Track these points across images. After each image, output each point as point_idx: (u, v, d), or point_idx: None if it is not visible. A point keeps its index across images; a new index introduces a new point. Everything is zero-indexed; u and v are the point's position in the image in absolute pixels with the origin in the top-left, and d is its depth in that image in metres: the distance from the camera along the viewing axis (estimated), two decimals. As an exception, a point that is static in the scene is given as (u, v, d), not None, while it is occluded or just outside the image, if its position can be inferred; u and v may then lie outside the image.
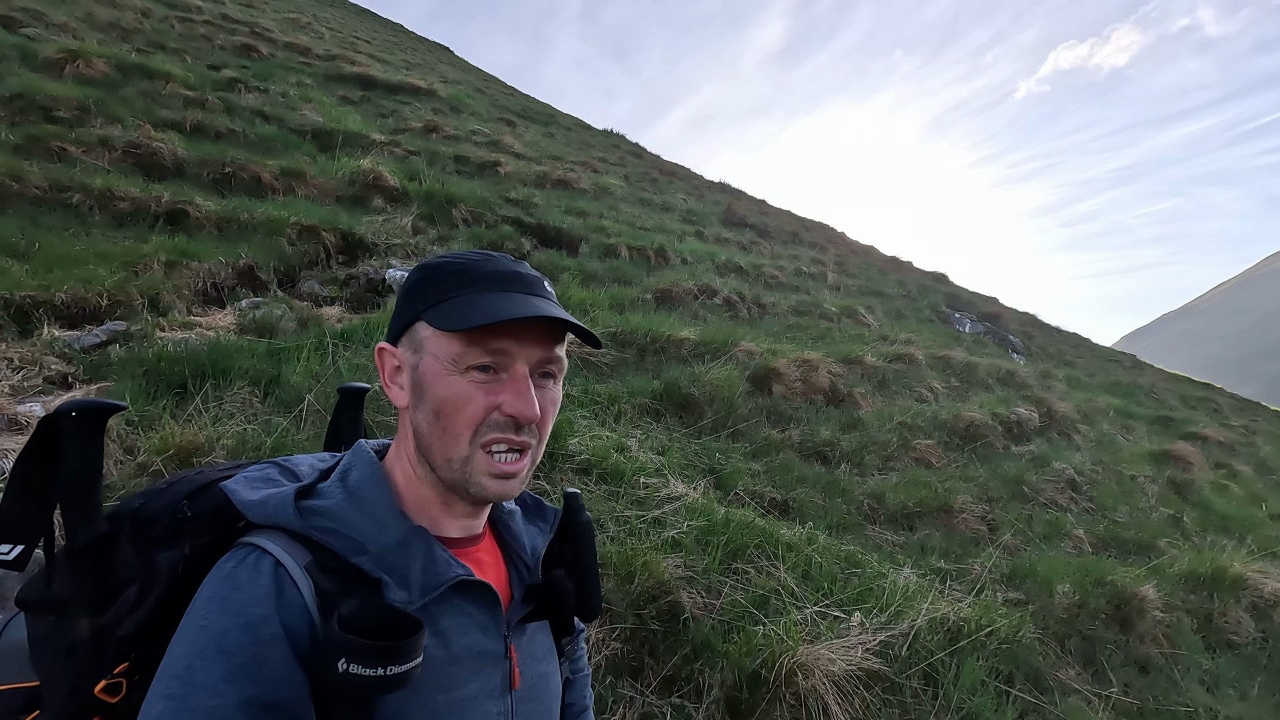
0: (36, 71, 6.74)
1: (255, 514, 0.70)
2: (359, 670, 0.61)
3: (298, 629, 0.64)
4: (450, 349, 0.72)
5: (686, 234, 10.37)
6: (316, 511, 0.71)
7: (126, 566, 0.71)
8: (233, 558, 0.67)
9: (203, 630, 0.61)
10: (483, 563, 0.82)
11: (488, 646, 0.76)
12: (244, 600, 0.63)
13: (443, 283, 0.74)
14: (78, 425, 0.71)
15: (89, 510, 0.71)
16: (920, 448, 5.29)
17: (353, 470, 0.77)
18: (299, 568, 0.66)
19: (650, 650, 2.68)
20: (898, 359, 6.99)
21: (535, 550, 0.88)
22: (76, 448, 0.71)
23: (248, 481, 0.74)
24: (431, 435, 0.74)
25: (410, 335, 0.76)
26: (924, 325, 10.39)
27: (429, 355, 0.74)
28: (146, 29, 10.67)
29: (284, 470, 0.79)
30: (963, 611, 3.10)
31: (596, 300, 6.15)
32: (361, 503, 0.73)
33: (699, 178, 17.67)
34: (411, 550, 0.72)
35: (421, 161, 8.95)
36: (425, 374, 0.74)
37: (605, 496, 3.39)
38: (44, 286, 3.84)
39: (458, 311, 0.71)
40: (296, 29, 15.54)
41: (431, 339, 0.74)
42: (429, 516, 0.78)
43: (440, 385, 0.72)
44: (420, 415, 0.75)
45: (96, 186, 5.11)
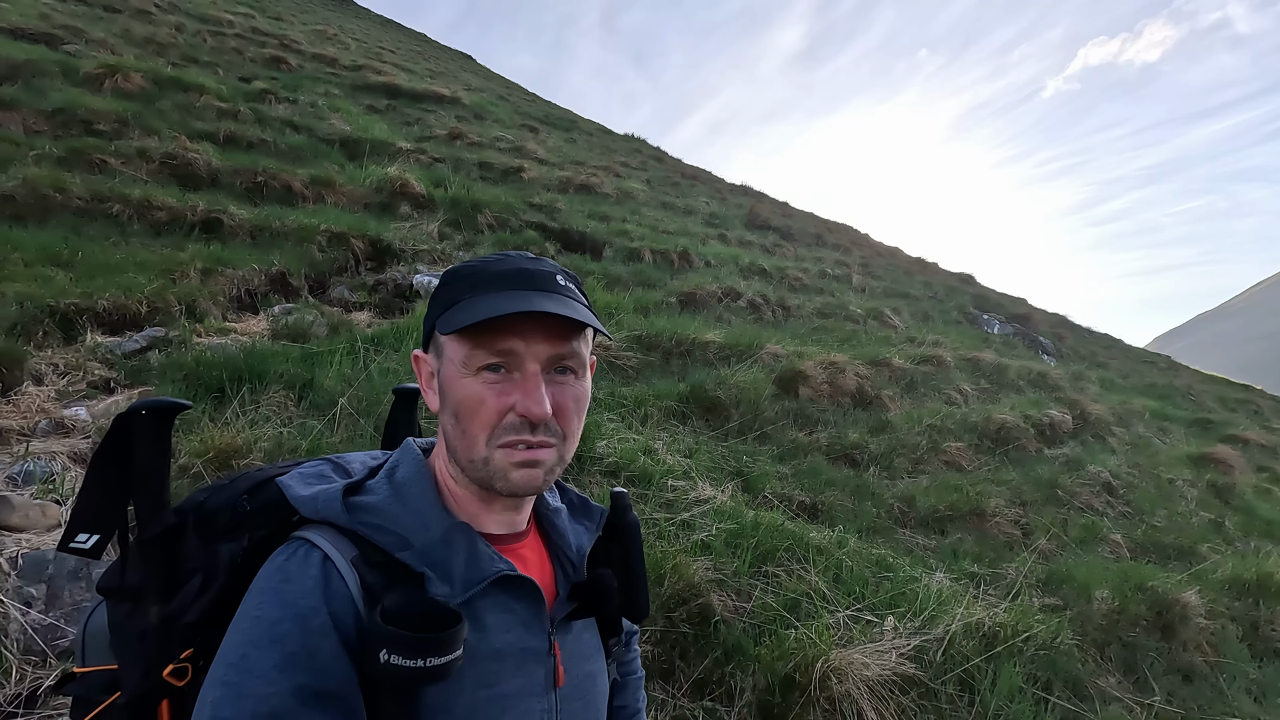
0: (78, 86, 6.95)
1: (306, 509, 0.72)
2: (400, 661, 0.62)
3: (344, 620, 0.65)
4: (460, 352, 0.73)
5: (709, 237, 10.36)
6: (363, 508, 0.72)
7: (192, 557, 0.74)
8: (284, 551, 0.69)
9: (256, 620, 0.63)
10: (526, 559, 0.82)
11: (531, 643, 0.76)
12: (294, 592, 0.65)
13: (455, 286, 0.75)
14: (148, 423, 0.75)
15: (159, 503, 0.75)
16: (950, 450, 5.21)
17: (399, 468, 0.79)
18: (345, 561, 0.68)
19: (681, 653, 2.67)
20: (925, 361, 6.90)
21: (581, 548, 0.88)
22: (147, 444, 0.75)
23: (302, 478, 0.76)
24: (454, 437, 0.75)
25: (435, 341, 0.78)
26: (951, 327, 10.25)
27: (447, 360, 0.75)
28: (180, 43, 10.96)
29: (336, 467, 0.82)
30: (998, 617, 3.05)
31: (621, 303, 6.17)
32: (406, 499, 0.75)
33: (721, 181, 17.65)
34: (454, 545, 0.73)
35: (446, 168, 9.06)
36: (445, 378, 0.76)
37: (633, 499, 3.39)
38: (87, 294, 3.95)
39: (459, 314, 0.72)
40: (324, 40, 15.84)
41: (446, 344, 0.75)
42: (470, 513, 0.79)
43: (456, 388, 0.74)
44: (445, 418, 0.76)
45: (135, 197, 5.25)
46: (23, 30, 8.41)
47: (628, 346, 5.24)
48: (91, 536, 0.75)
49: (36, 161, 5.24)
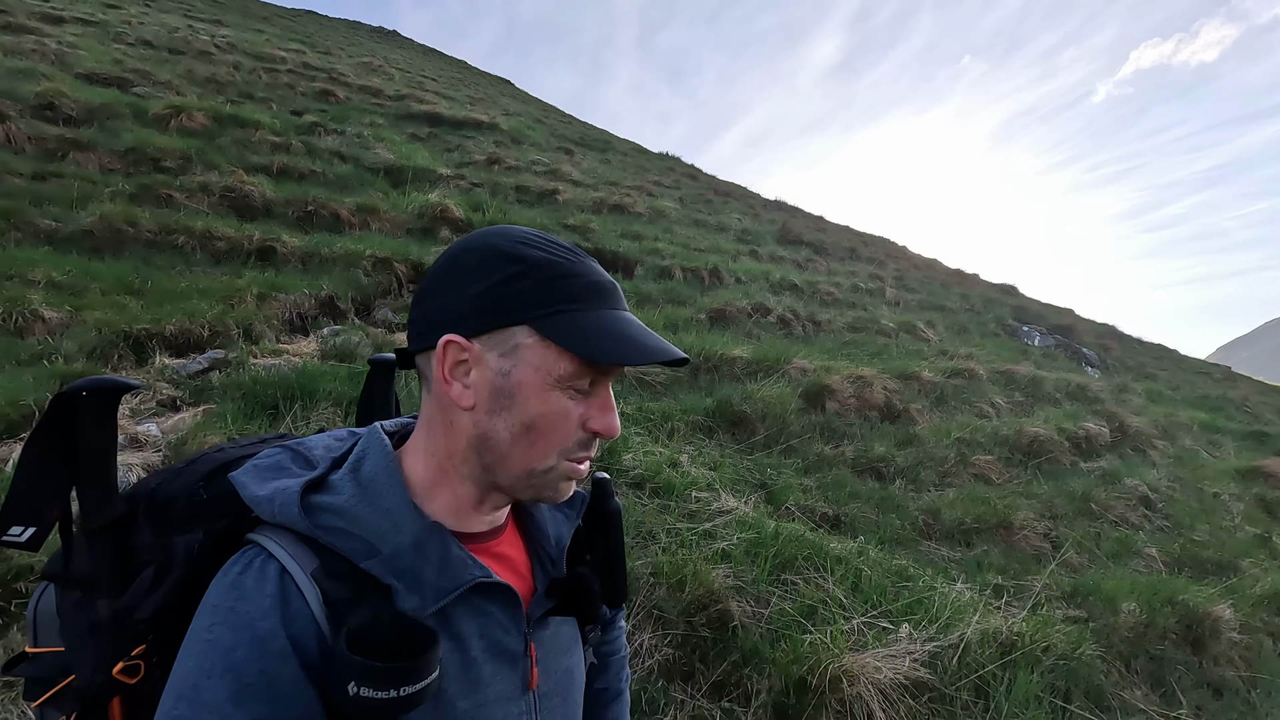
0: (147, 126, 7.51)
1: (262, 511, 0.66)
2: (370, 694, 0.58)
3: (305, 642, 0.60)
4: (561, 367, 0.67)
5: (741, 253, 10.49)
6: (325, 509, 0.66)
7: (145, 548, 0.70)
8: (239, 561, 0.64)
9: (209, 645, 0.58)
10: (504, 556, 0.79)
11: (508, 646, 0.73)
12: (250, 612, 0.60)
13: (545, 285, 0.68)
14: (91, 404, 0.69)
15: (105, 490, 0.70)
16: (979, 464, 5.21)
17: (366, 459, 0.72)
18: (305, 575, 0.63)
19: (701, 656, 2.79)
20: (957, 374, 6.88)
21: (560, 539, 0.84)
22: (91, 427, 0.69)
23: (256, 471, 0.70)
24: (516, 448, 0.69)
25: (500, 337, 0.68)
26: (988, 339, 10.14)
27: (527, 365, 0.67)
28: (238, 81, 11.65)
29: (296, 455, 0.74)
30: (1016, 626, 3.09)
31: (651, 321, 6.35)
32: (375, 498, 0.68)
33: (755, 196, 17.78)
34: (426, 551, 0.67)
35: (484, 193, 9.42)
36: (521, 384, 0.68)
37: (658, 510, 3.53)
38: (155, 320, 4.29)
39: (582, 334, 0.67)
40: (369, 72, 16.58)
41: (534, 349, 0.67)
42: (453, 511, 0.74)
43: (539, 401, 0.68)
44: (502, 424, 0.69)
45: (198, 228, 5.67)
46: (98, 75, 9.10)
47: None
48: (28, 529, 0.68)
49: (111, 198, 5.70)
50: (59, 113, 7.12)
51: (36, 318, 4.01)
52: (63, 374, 3.54)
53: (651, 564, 3.01)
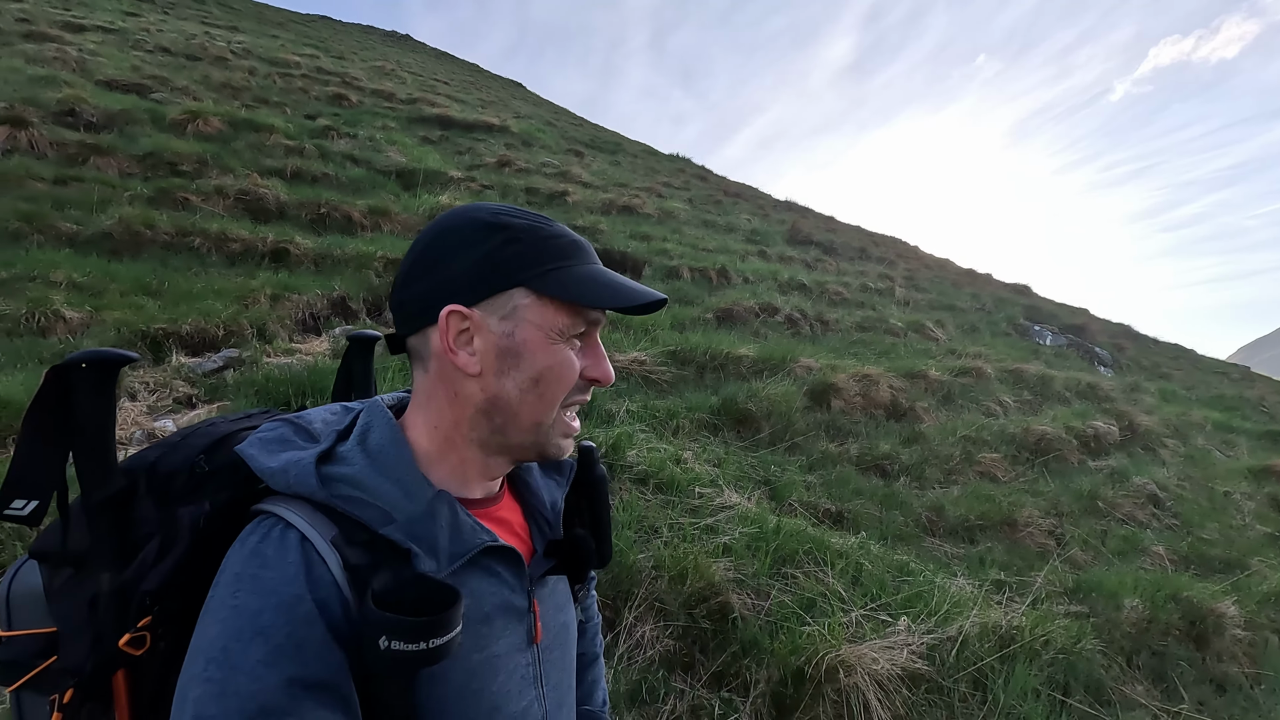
0: (164, 131, 7.66)
1: (277, 482, 0.68)
2: (401, 647, 0.61)
3: (330, 606, 0.63)
4: (559, 320, 0.73)
5: (749, 254, 10.52)
6: (340, 479, 0.68)
7: (147, 521, 0.71)
8: (256, 531, 0.65)
9: (235, 610, 0.59)
10: (505, 521, 0.83)
11: (515, 603, 0.77)
12: (275, 579, 0.61)
13: (534, 248, 0.73)
14: (89, 376, 0.69)
15: (104, 464, 0.70)
16: (985, 461, 5.22)
17: (372, 431, 0.74)
18: (325, 542, 0.65)
19: (701, 647, 2.84)
20: (965, 373, 6.88)
21: (555, 503, 0.90)
22: (89, 400, 0.69)
23: (263, 444, 0.71)
24: (524, 402, 0.74)
25: (499, 301, 0.73)
26: (999, 339, 10.10)
27: (528, 324, 0.73)
28: (253, 86, 11.83)
29: (298, 429, 0.75)
30: (1016, 620, 3.11)
31: (658, 320, 6.40)
32: (385, 468, 0.71)
33: (765, 197, 17.79)
34: (437, 518, 0.71)
35: (495, 195, 9.51)
36: (527, 342, 0.73)
37: (661, 505, 3.58)
38: (172, 320, 4.40)
39: (578, 286, 0.72)
40: (382, 76, 16.76)
41: (533, 307, 0.72)
42: (458, 478, 0.78)
43: (544, 354, 0.73)
44: (511, 383, 0.73)
45: (213, 231, 5.79)
46: (117, 82, 9.29)
47: (662, 361, 5.45)
48: (29, 503, 0.69)
49: (130, 202, 5.84)
50: (80, 118, 7.29)
51: (58, 318, 4.13)
52: (83, 372, 3.64)
53: (653, 557, 3.06)
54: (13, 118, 6.55)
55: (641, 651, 2.78)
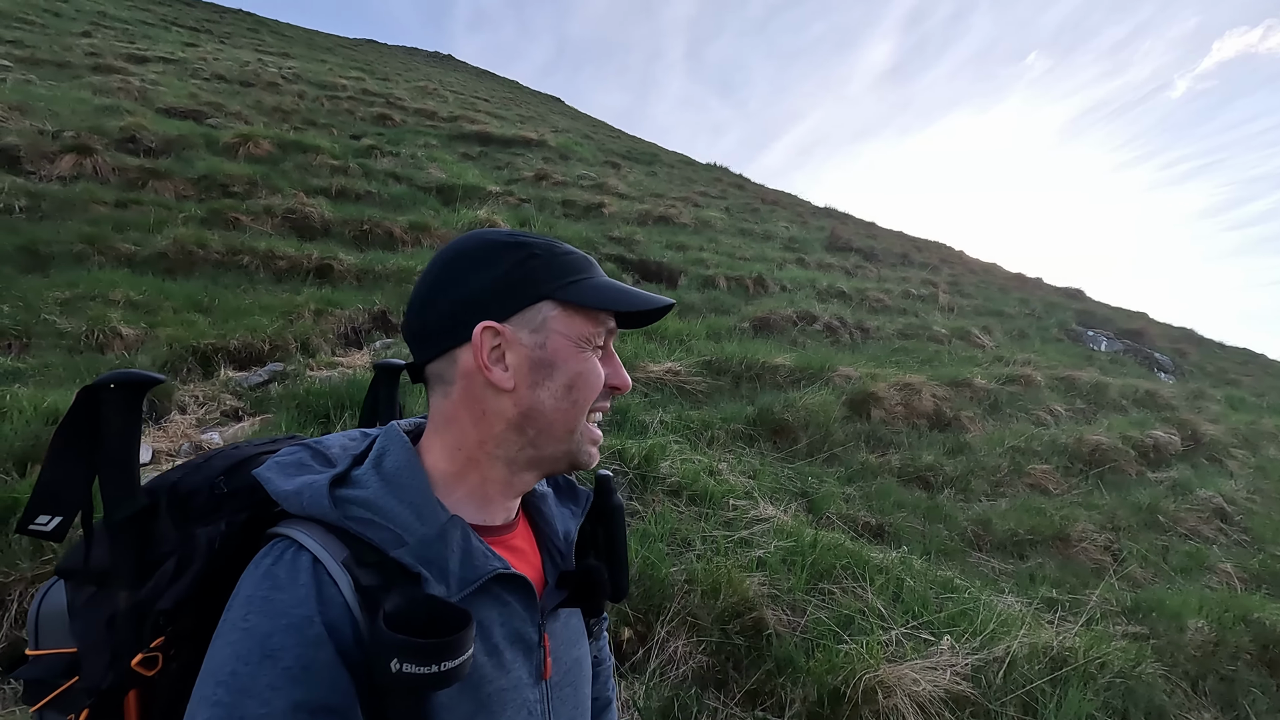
0: (217, 155, 8.00)
1: (291, 505, 0.68)
2: (413, 669, 0.60)
3: (340, 628, 0.62)
4: (584, 329, 0.75)
5: (787, 261, 10.40)
6: (353, 501, 0.69)
7: (165, 540, 0.71)
8: (270, 554, 0.65)
9: (246, 633, 0.59)
10: (518, 550, 0.82)
11: (524, 635, 0.76)
12: (286, 601, 0.61)
13: (557, 266, 0.76)
14: (118, 397, 0.71)
15: (128, 483, 0.72)
16: (1035, 473, 5.02)
17: (387, 455, 0.75)
18: (337, 564, 0.65)
19: (734, 664, 2.78)
20: (1013, 381, 6.64)
21: (568, 534, 0.88)
22: (117, 420, 0.71)
23: (280, 468, 0.72)
24: (558, 410, 0.75)
25: (528, 315, 0.75)
26: (1049, 345, 9.74)
27: (557, 334, 0.75)
28: (302, 109, 12.27)
29: (315, 454, 0.76)
30: (1069, 640, 2.96)
31: (693, 330, 6.37)
32: (399, 491, 0.71)
33: (804, 204, 17.62)
34: (449, 542, 0.70)
35: (531, 208, 9.64)
36: (557, 351, 0.75)
37: (694, 517, 3.54)
38: (221, 335, 4.56)
39: (599, 294, 0.76)
40: (424, 95, 17.20)
41: (559, 318, 0.75)
42: (478, 500, 0.78)
43: (575, 362, 0.75)
44: (546, 393, 0.75)
45: (261, 249, 6.00)
46: (175, 109, 9.74)
47: (697, 371, 5.41)
48: (54, 518, 0.71)
49: (184, 223, 6.10)
50: (140, 145, 7.66)
51: (115, 335, 4.32)
52: (137, 386, 3.79)
53: (686, 571, 3.01)
54: (79, 146, 6.92)
55: (674, 667, 2.73)
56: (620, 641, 2.80)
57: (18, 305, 4.41)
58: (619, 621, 2.81)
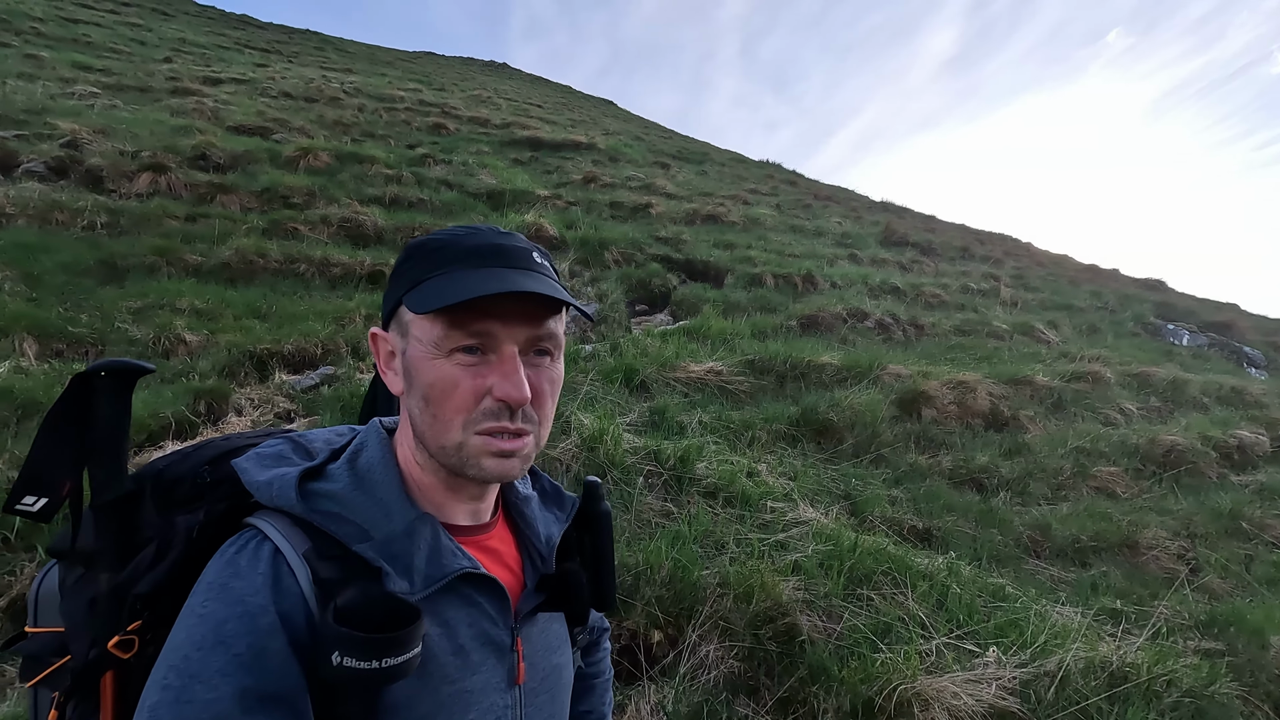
0: (279, 168, 8.37)
1: (261, 495, 0.69)
2: (354, 663, 0.60)
3: (294, 618, 0.62)
4: (432, 332, 0.68)
5: (838, 258, 10.16)
6: (322, 495, 0.69)
7: (148, 526, 0.73)
8: (235, 542, 0.66)
9: (201, 619, 0.60)
10: (495, 551, 0.80)
11: (494, 638, 0.74)
12: (242, 589, 0.62)
13: (424, 261, 0.70)
14: (109, 384, 0.73)
15: (116, 468, 0.73)
16: (1101, 475, 4.72)
17: (363, 451, 0.74)
18: (297, 555, 0.65)
19: (767, 670, 2.71)
20: (1078, 378, 6.28)
21: (550, 538, 0.85)
22: (107, 406, 0.73)
23: (259, 459, 0.73)
24: (423, 422, 0.70)
25: (398, 319, 0.73)
26: (1123, 340, 9.19)
27: (414, 339, 0.70)
28: (361, 121, 12.73)
29: (297, 447, 0.77)
30: (1130, 655, 2.76)
31: (738, 329, 6.27)
32: (369, 487, 0.71)
33: (859, 199, 17.17)
34: (416, 539, 0.69)
35: (579, 211, 9.70)
36: (412, 359, 0.70)
37: (730, 519, 3.48)
38: (276, 340, 4.76)
39: (433, 292, 0.66)
40: (479, 104, 17.60)
41: (415, 322, 0.70)
42: (435, 502, 0.76)
43: (427, 370, 0.69)
44: (412, 402, 0.72)
45: (317, 257, 6.24)
46: (244, 126, 10.26)
47: (740, 371, 5.32)
48: (40, 499, 0.72)
49: (246, 234, 6.40)
50: (210, 161, 8.09)
51: (180, 341, 4.57)
52: (197, 390, 4.00)
53: (719, 574, 2.96)
54: (155, 165, 7.36)
55: (705, 672, 2.69)
56: (650, 644, 2.77)
57: (95, 315, 4.72)
58: (649, 624, 2.79)
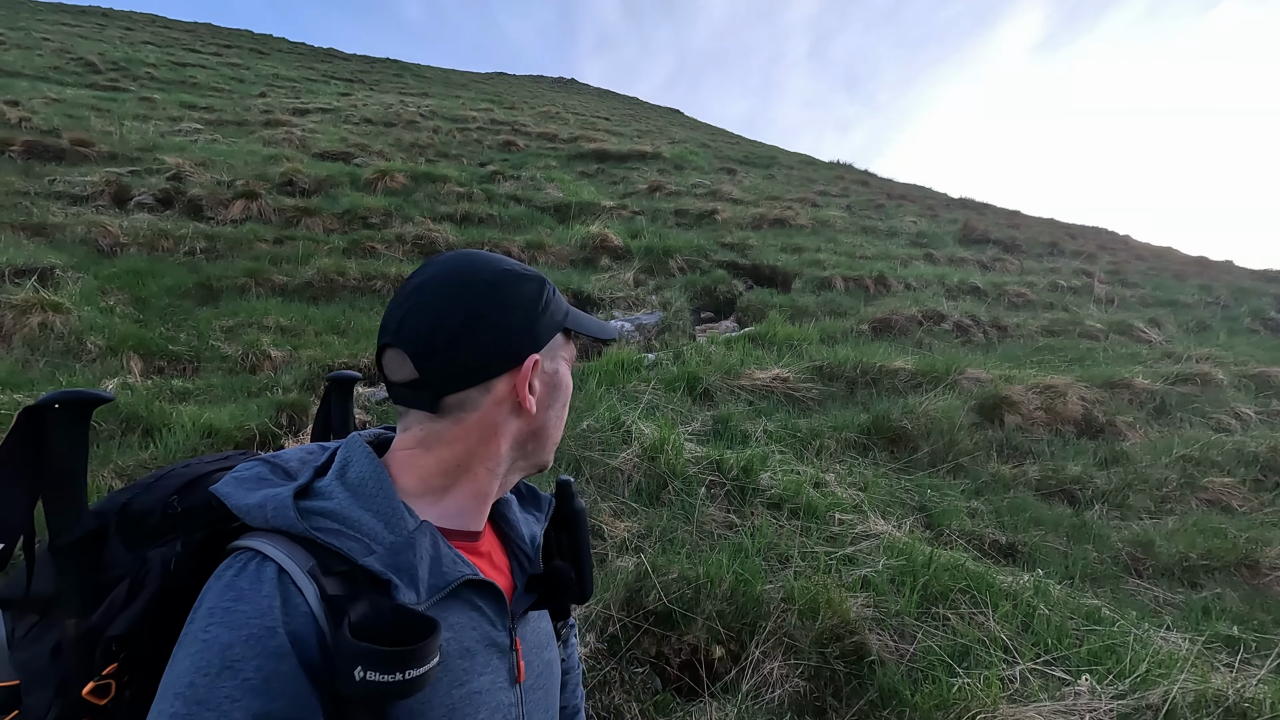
0: (359, 190, 8.80)
1: (253, 518, 0.67)
2: (376, 677, 0.59)
3: (305, 638, 0.62)
4: (568, 351, 0.86)
5: (913, 258, 9.76)
6: (318, 513, 0.68)
7: (117, 564, 0.69)
8: (232, 565, 0.64)
9: (206, 645, 0.58)
10: (485, 555, 0.82)
11: (496, 639, 0.76)
12: (248, 611, 0.60)
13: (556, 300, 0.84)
14: (63, 417, 0.69)
15: (74, 505, 0.69)
16: (1213, 487, 4.30)
17: (351, 466, 0.73)
18: (303, 573, 0.64)
19: (834, 691, 2.59)
20: (1185, 380, 5.76)
21: (534, 538, 0.90)
22: (62, 440, 0.69)
23: (239, 483, 0.71)
24: (559, 424, 0.85)
25: (551, 345, 0.82)
26: (1238, 337, 8.39)
27: (561, 360, 0.84)
28: (436, 143, 13.25)
29: (274, 468, 0.75)
30: (1250, 689, 2.48)
31: (805, 335, 6.11)
32: (366, 501, 0.71)
33: (936, 196, 16.49)
34: (418, 549, 0.70)
35: (644, 220, 9.74)
36: (561, 375, 0.84)
37: (795, 532, 3.36)
38: (354, 355, 4.97)
39: (585, 322, 0.87)
40: (547, 120, 18.01)
41: (561, 345, 0.84)
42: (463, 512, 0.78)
43: (568, 381, 0.85)
44: (554, 412, 0.84)
45: (392, 274, 6.50)
46: (328, 153, 10.87)
47: (808, 377, 5.17)
48: None
49: (328, 254, 6.75)
50: (296, 186, 8.60)
51: (266, 357, 4.84)
52: (280, 403, 4.21)
53: (783, 588, 2.86)
54: (247, 192, 7.89)
55: (769, 690, 2.59)
56: (711, 660, 2.70)
57: (191, 334, 5.07)
58: (710, 639, 2.72)
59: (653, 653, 2.70)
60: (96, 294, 5.22)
